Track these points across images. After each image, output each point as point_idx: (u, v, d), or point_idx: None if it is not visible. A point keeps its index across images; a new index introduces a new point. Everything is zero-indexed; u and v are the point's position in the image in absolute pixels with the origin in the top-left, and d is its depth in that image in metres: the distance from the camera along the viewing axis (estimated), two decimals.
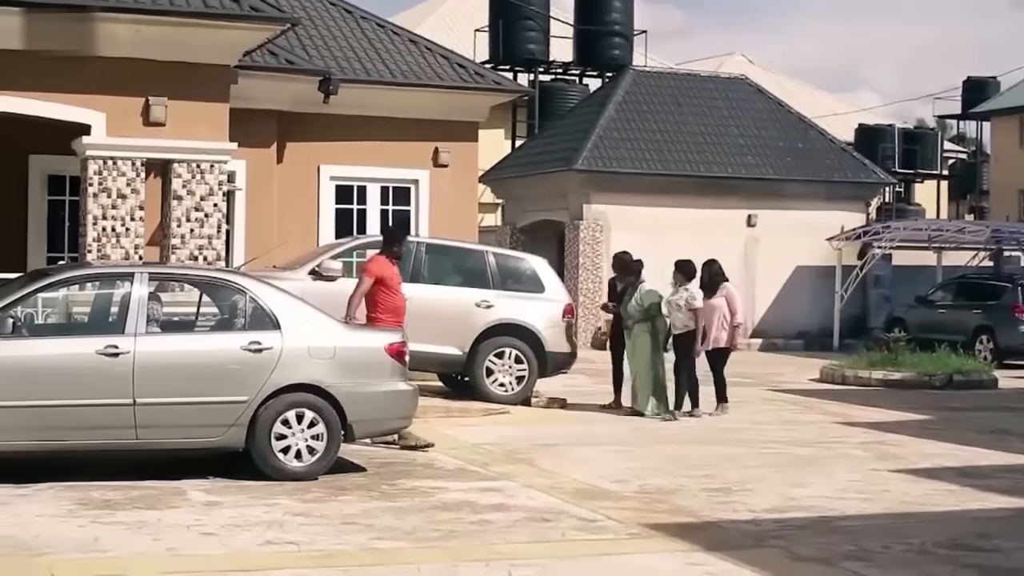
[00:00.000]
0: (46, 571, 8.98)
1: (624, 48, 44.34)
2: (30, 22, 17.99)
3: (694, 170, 35.18)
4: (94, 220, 18.73)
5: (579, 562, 9.77)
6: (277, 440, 12.76)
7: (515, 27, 43.21)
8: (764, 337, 35.41)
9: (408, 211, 25.68)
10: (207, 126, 19.18)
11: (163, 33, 18.70)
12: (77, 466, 12.68)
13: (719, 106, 37.22)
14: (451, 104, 25.75)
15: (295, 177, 24.55)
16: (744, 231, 35.37)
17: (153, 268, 14.42)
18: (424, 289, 18.75)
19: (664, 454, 15.40)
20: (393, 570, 9.35)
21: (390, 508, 11.57)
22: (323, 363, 12.97)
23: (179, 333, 13.57)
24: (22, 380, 12.18)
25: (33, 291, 13.11)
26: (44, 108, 18.48)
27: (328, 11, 26.87)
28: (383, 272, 15.60)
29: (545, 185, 35.72)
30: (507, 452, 15.20)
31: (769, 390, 23.68)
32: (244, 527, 10.57)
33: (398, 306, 15.66)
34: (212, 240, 19.37)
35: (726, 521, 11.44)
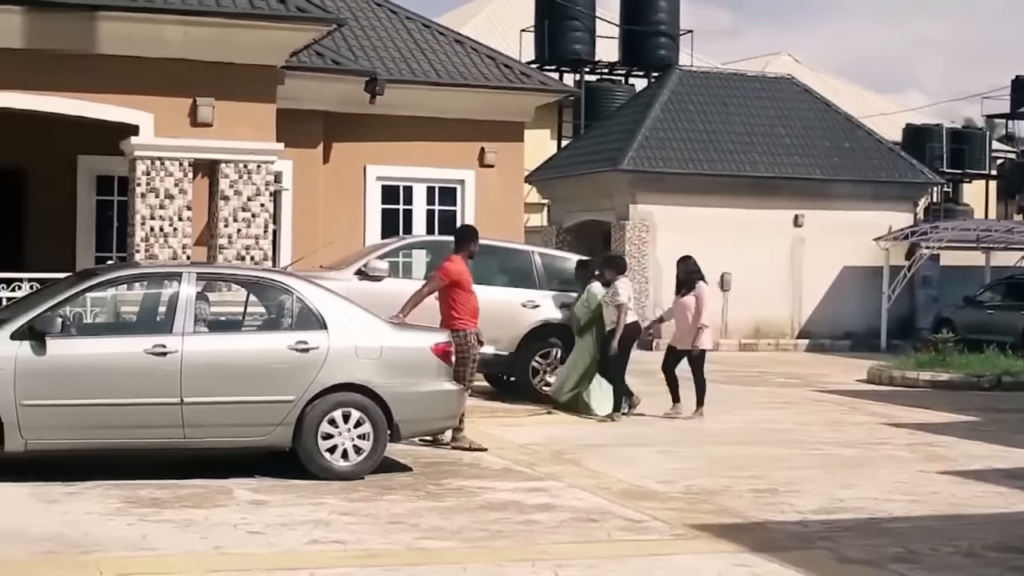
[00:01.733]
0: (94, 569, 9.03)
1: (670, 48, 44.24)
2: (78, 24, 18.10)
3: (740, 170, 35.07)
4: (142, 220, 18.83)
5: (625, 563, 9.74)
6: (324, 439, 12.79)
7: (561, 27, 43.17)
8: (811, 338, 35.29)
9: (454, 211, 25.71)
10: (254, 126, 19.25)
11: (210, 34, 18.78)
12: (125, 465, 12.76)
13: (765, 106, 37.08)
14: (497, 104, 25.76)
15: (341, 177, 24.62)
16: (791, 231, 35.24)
17: (201, 268, 14.49)
18: None
19: (710, 455, 15.35)
20: (439, 570, 9.35)
21: (436, 508, 11.58)
22: (369, 363, 13.00)
23: (226, 333, 13.60)
24: (71, 379, 12.25)
25: (82, 291, 13.18)
26: (93, 109, 18.58)
27: (374, 11, 26.93)
28: (462, 273, 15.59)
29: (591, 185, 35.68)
30: (553, 452, 15.19)
31: (816, 391, 23.57)
32: (290, 526, 10.60)
33: (475, 307, 15.64)
34: (259, 240, 19.44)
35: (773, 522, 11.40)
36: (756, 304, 34.59)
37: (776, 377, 26.42)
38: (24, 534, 10.06)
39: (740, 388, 23.94)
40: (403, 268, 21.15)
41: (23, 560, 9.29)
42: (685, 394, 18.94)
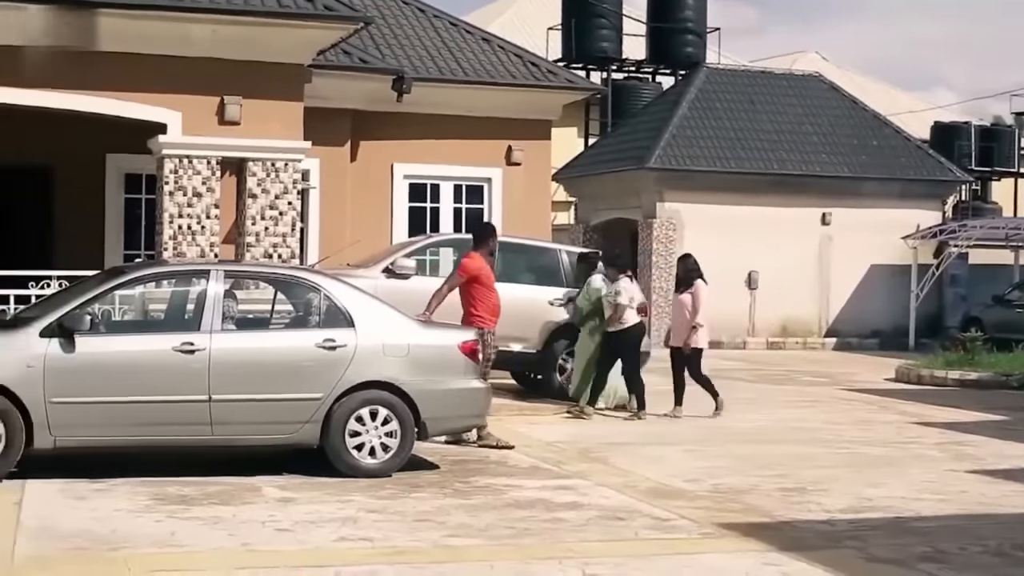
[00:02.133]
0: (123, 565, 9.05)
1: (697, 46, 44.17)
2: (107, 23, 18.15)
3: (768, 168, 35.03)
4: (170, 218, 18.87)
5: (652, 561, 9.73)
6: (351, 437, 12.80)
7: (588, 25, 43.13)
8: (838, 336, 35.23)
9: (481, 209, 25.72)
10: (281, 125, 19.28)
11: (238, 33, 18.81)
12: (153, 462, 12.81)
13: (793, 104, 37.02)
14: (524, 102, 25.76)
15: (368, 175, 24.66)
16: (818, 229, 35.19)
17: (228, 266, 14.51)
18: (498, 287, 18.73)
19: (737, 453, 15.33)
20: (466, 567, 9.36)
21: (463, 505, 11.58)
22: (397, 360, 13.01)
23: (254, 330, 13.64)
24: (99, 377, 12.29)
25: (110, 288, 13.23)
26: (121, 107, 18.63)
27: (401, 10, 26.96)
28: (481, 270, 15.66)
29: (618, 183, 35.67)
30: (580, 450, 15.18)
31: (844, 389, 23.52)
32: (318, 523, 10.62)
33: (495, 304, 15.70)
34: (286, 238, 19.47)
35: (800, 521, 11.37)
36: (784, 302, 34.55)
37: (803, 376, 26.37)
38: (53, 531, 10.10)
39: (767, 387, 23.91)
40: (430, 266, 21.16)
41: (52, 556, 9.32)
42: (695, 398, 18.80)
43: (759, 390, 23.21)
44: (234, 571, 9.08)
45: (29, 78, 18.00)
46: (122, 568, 8.97)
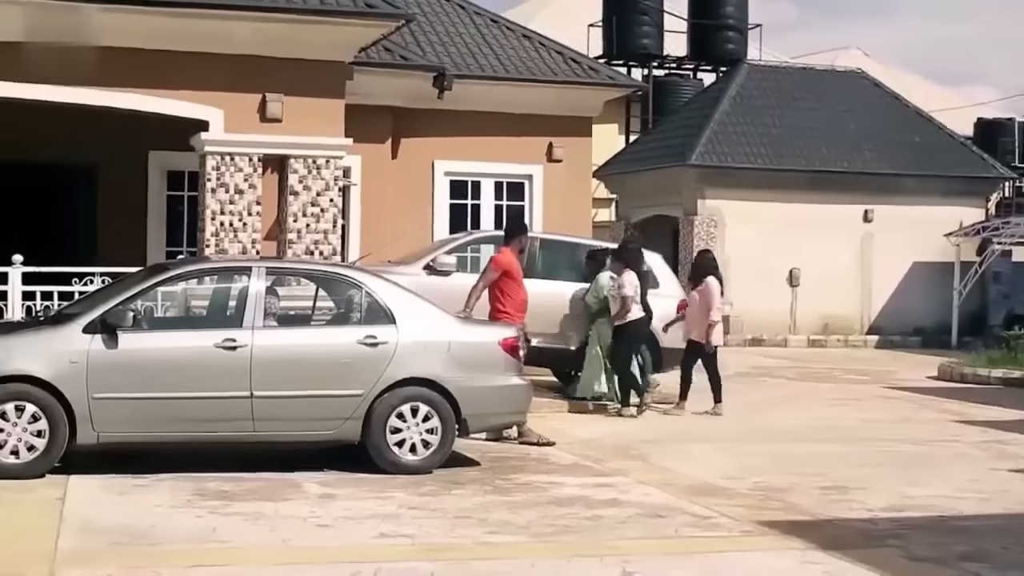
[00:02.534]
0: (164, 560, 9.09)
1: (738, 42, 44.02)
2: (149, 21, 18.22)
3: (810, 165, 34.91)
4: (212, 215, 18.93)
5: (693, 559, 9.72)
6: (392, 434, 12.83)
7: (629, 22, 43.07)
8: (880, 334, 35.09)
9: (522, 206, 25.71)
10: (323, 122, 19.31)
11: (280, 30, 18.85)
12: (194, 458, 12.85)
13: (834, 100, 36.88)
14: (565, 99, 25.73)
15: (409, 172, 24.67)
16: (860, 226, 35.07)
17: (270, 263, 14.56)
18: (538, 284, 18.69)
19: (777, 451, 15.29)
20: (507, 564, 9.36)
21: (504, 502, 11.60)
22: (438, 357, 13.03)
23: (295, 327, 13.66)
24: (141, 373, 12.36)
25: (153, 285, 13.30)
26: (164, 105, 18.69)
27: (442, 7, 26.96)
28: (512, 265, 15.76)
29: (659, 180, 35.61)
30: (620, 448, 15.18)
31: (885, 387, 23.43)
32: (359, 520, 10.65)
33: (523, 300, 15.78)
34: (328, 235, 19.50)
35: (841, 519, 11.34)
36: (825, 300, 34.45)
37: (845, 373, 26.27)
38: (95, 526, 10.16)
39: (808, 384, 23.85)
40: (471, 263, 21.14)
41: (94, 551, 9.38)
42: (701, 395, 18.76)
43: (800, 388, 23.16)
44: (275, 567, 9.12)
45: (72, 76, 18.09)
46: (163, 563, 9.01)
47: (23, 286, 17.36)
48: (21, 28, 17.82)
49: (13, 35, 17.82)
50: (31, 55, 17.88)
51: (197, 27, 18.43)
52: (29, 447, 12.01)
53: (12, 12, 17.75)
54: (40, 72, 17.99)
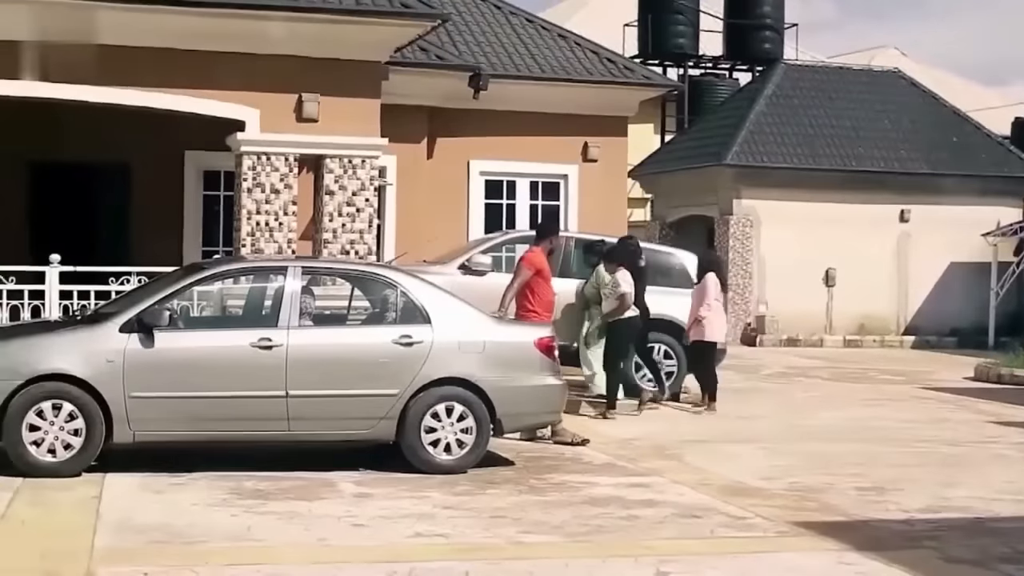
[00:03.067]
0: (200, 559, 9.13)
1: (774, 41, 43.91)
2: (185, 21, 18.29)
3: (846, 164, 34.78)
4: (248, 215, 18.99)
5: (728, 559, 9.70)
6: (427, 433, 12.84)
7: (664, 21, 43.00)
8: (917, 334, 34.92)
9: (557, 206, 25.71)
10: (359, 122, 19.34)
11: (316, 30, 18.90)
12: (230, 456, 12.89)
13: (871, 100, 36.73)
14: (600, 99, 25.73)
15: (445, 172, 24.71)
16: (897, 226, 34.91)
17: (306, 262, 14.58)
18: (573, 284, 18.71)
19: (814, 452, 15.24)
20: (541, 564, 9.36)
21: (538, 502, 11.59)
22: (473, 357, 13.03)
23: (331, 326, 13.68)
24: (178, 372, 12.41)
25: (189, 284, 13.34)
26: (200, 105, 18.76)
27: (478, 7, 27.00)
28: (543, 264, 15.82)
29: (694, 180, 35.54)
30: (655, 447, 15.15)
31: (921, 388, 23.31)
32: (394, 519, 10.66)
33: (551, 300, 15.85)
34: (363, 235, 19.54)
35: (877, 520, 11.29)
36: (861, 300, 34.32)
37: (881, 374, 26.17)
38: (131, 524, 10.20)
39: (844, 385, 23.76)
40: (506, 263, 21.14)
41: (130, 549, 9.42)
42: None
43: (836, 388, 23.08)
44: (310, 566, 9.14)
45: (108, 76, 18.18)
46: (199, 562, 9.04)
47: (60, 285, 17.45)
48: (57, 28, 17.91)
49: (48, 35, 17.91)
50: (67, 55, 17.98)
51: (233, 27, 18.49)
52: (66, 445, 12.07)
53: (47, 12, 17.84)
54: (76, 72, 18.08)
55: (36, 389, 12.07)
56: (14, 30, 17.83)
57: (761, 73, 40.01)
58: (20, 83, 18.04)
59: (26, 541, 9.63)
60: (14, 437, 11.98)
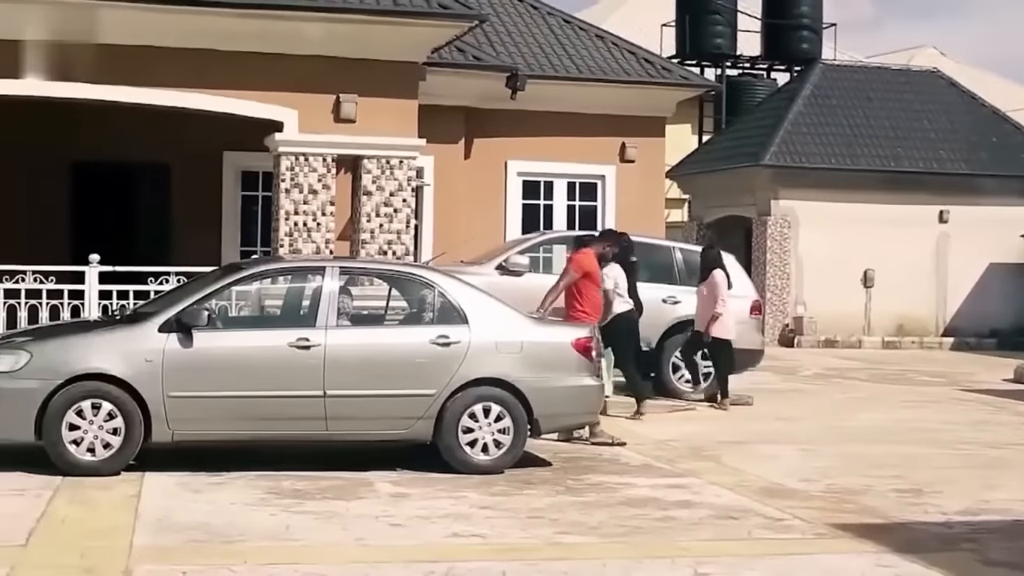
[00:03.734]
0: (239, 558, 9.16)
1: (813, 41, 43.76)
2: (225, 22, 18.36)
3: (884, 165, 34.64)
4: (286, 215, 19.04)
5: (765, 561, 9.68)
6: (464, 433, 12.84)
7: (702, 21, 42.92)
8: (956, 335, 34.75)
9: (595, 206, 25.71)
10: (396, 122, 19.37)
11: (354, 31, 18.94)
12: (268, 456, 12.94)
13: (910, 100, 36.57)
14: (638, 99, 25.72)
15: (482, 172, 24.74)
16: (935, 227, 34.74)
17: (344, 262, 14.59)
18: None
19: (852, 453, 15.18)
20: (578, 565, 9.35)
21: (576, 503, 11.59)
22: (510, 357, 13.03)
23: (369, 326, 13.69)
24: (216, 371, 12.45)
25: (227, 284, 13.38)
26: (239, 106, 18.82)
27: (515, 7, 27.02)
28: (592, 267, 15.84)
29: (732, 180, 35.46)
30: (693, 448, 15.13)
31: (961, 390, 23.20)
32: (431, 519, 10.67)
33: (599, 302, 15.83)
34: (401, 235, 19.57)
35: (916, 523, 11.24)
36: (900, 301, 34.17)
37: (920, 375, 26.06)
38: (170, 523, 10.24)
39: (883, 386, 23.66)
40: (543, 263, 21.17)
41: (169, 548, 9.46)
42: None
43: (875, 389, 22.98)
44: (347, 565, 9.16)
45: (147, 77, 18.26)
46: (237, 561, 9.08)
47: (99, 285, 17.54)
48: (98, 30, 18.00)
49: (90, 37, 18.00)
50: (109, 57, 18.07)
51: (272, 28, 18.55)
52: (105, 444, 12.13)
53: (88, 14, 17.93)
54: (117, 74, 18.17)
55: (76, 388, 12.14)
56: (56, 31, 17.92)
57: (799, 73, 39.91)
58: (61, 84, 18.15)
59: (66, 539, 9.68)
60: (54, 436, 12.05)
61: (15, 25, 17.76)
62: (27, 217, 22.06)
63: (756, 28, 44.75)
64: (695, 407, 18.78)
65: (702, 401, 19.25)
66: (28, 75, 17.96)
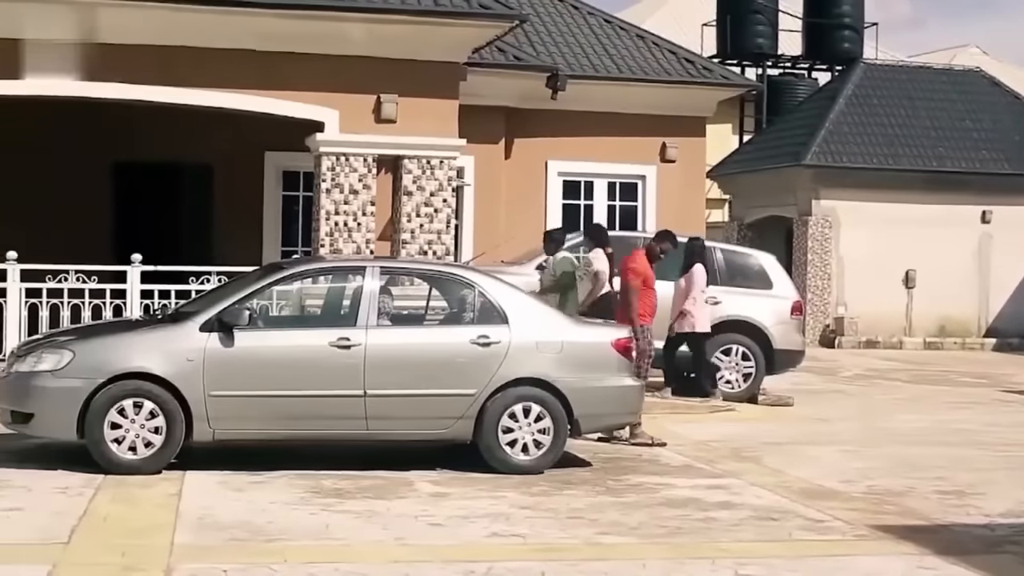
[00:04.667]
0: (279, 556, 9.18)
1: (854, 41, 43.60)
2: (267, 23, 18.41)
3: (926, 165, 34.47)
4: (327, 215, 19.08)
5: (806, 562, 9.64)
6: (504, 433, 12.85)
7: (743, 21, 42.82)
8: (998, 336, 34.56)
9: (635, 206, 25.68)
10: (437, 122, 19.38)
11: (395, 31, 18.96)
12: (309, 455, 12.98)
13: (952, 99, 36.39)
14: (678, 99, 25.67)
15: (522, 172, 24.74)
16: (978, 227, 34.55)
17: (384, 262, 14.61)
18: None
19: (894, 454, 15.12)
20: (618, 565, 9.34)
21: (615, 503, 11.58)
22: (550, 357, 13.03)
23: (409, 326, 13.72)
24: (257, 370, 12.49)
25: (268, 284, 13.41)
26: (280, 106, 18.86)
27: (556, 7, 27.01)
28: (648, 271, 15.96)
29: (773, 180, 35.37)
30: (733, 449, 15.10)
31: (1003, 391, 23.09)
32: (471, 519, 10.68)
33: (654, 304, 15.86)
34: (441, 235, 19.58)
35: (958, 525, 11.19)
36: (942, 302, 34.00)
37: (962, 376, 25.93)
38: (211, 522, 10.28)
39: (925, 387, 23.57)
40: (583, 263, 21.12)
41: (210, 547, 9.49)
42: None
43: (916, 390, 22.89)
44: (387, 565, 9.17)
45: (190, 78, 18.32)
46: (278, 559, 9.10)
47: (141, 285, 17.62)
48: (141, 31, 18.07)
49: (132, 38, 18.07)
50: (151, 58, 18.14)
51: (314, 29, 18.59)
52: (146, 443, 12.19)
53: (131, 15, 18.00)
54: (159, 75, 18.24)
55: (117, 387, 12.20)
56: (100, 33, 17.99)
57: (840, 73, 39.76)
58: (106, 85, 18.21)
59: (107, 537, 9.73)
60: (96, 435, 12.12)
61: (60, 27, 17.84)
62: (70, 217, 22.17)
63: (797, 28, 44.64)
64: (735, 407, 18.73)
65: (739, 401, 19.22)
66: (72, 76, 18.04)
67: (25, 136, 21.67)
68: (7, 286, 17.12)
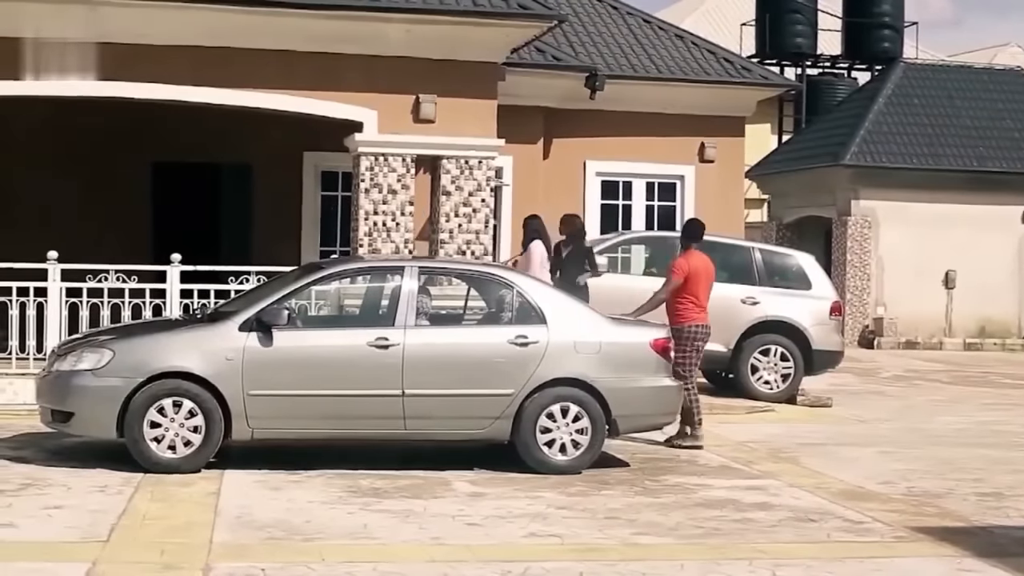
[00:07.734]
0: (317, 556, 9.22)
1: (894, 40, 43.45)
2: (306, 24, 18.45)
3: (967, 165, 34.31)
4: (365, 215, 19.11)
5: (844, 564, 9.62)
6: (542, 433, 12.85)
7: (782, 21, 42.73)
8: None
9: (674, 207, 25.63)
10: (475, 123, 19.38)
11: (434, 32, 18.97)
12: (347, 454, 13.01)
13: (993, 99, 36.21)
14: (717, 99, 25.60)
15: (561, 173, 24.71)
16: (1018, 228, 34.37)
17: (423, 262, 14.62)
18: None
19: (934, 456, 15.06)
20: (655, 566, 9.34)
21: (653, 504, 11.57)
22: (588, 357, 13.03)
23: (447, 326, 13.73)
24: (295, 370, 12.53)
25: (307, 284, 13.45)
26: (319, 107, 18.90)
27: (594, 7, 26.98)
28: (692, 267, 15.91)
29: (812, 180, 35.27)
30: (771, 450, 15.06)
31: None
32: (508, 518, 10.69)
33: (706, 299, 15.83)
34: (479, 235, 19.59)
35: (998, 527, 11.13)
36: (982, 302, 33.84)
37: (1002, 378, 25.80)
38: (251, 520, 10.33)
39: (964, 388, 23.45)
40: (622, 264, 21.14)
41: (248, 545, 9.54)
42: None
43: (956, 391, 22.78)
44: (425, 564, 9.19)
45: (229, 78, 18.38)
46: (316, 558, 9.13)
47: (181, 284, 17.68)
48: (180, 32, 18.14)
49: (172, 39, 18.15)
50: (191, 58, 18.20)
51: (353, 29, 18.62)
52: (186, 442, 12.25)
53: (171, 16, 18.08)
54: (199, 75, 18.30)
55: (157, 387, 12.27)
56: (140, 34, 18.07)
57: (880, 72, 39.63)
58: (145, 86, 18.28)
59: (147, 535, 9.78)
60: (135, 434, 12.19)
61: (101, 28, 17.92)
62: (109, 217, 22.29)
63: (837, 27, 44.51)
64: (774, 408, 18.69)
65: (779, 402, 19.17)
66: (112, 77, 18.12)
67: (67, 136, 21.82)
68: (48, 285, 17.19)
